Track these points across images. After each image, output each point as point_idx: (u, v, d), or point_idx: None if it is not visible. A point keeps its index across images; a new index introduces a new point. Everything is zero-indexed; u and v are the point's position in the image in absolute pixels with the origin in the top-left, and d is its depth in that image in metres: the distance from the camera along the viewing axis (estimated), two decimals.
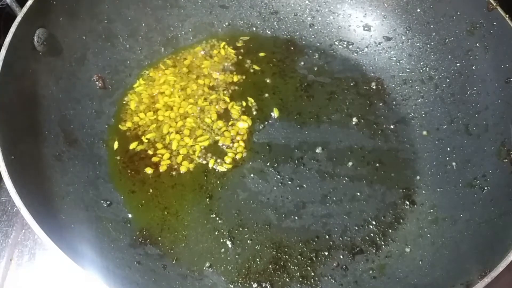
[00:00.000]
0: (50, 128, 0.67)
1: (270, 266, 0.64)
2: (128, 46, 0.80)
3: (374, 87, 0.81)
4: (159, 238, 0.65)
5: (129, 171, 0.71)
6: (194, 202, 0.69)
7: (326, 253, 0.65)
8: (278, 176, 0.71)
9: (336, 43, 0.85)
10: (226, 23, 0.86)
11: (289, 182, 0.71)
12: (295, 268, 0.64)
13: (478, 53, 0.73)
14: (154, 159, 0.72)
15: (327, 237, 0.67)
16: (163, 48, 0.83)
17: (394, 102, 0.79)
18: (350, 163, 0.73)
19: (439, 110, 0.76)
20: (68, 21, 0.72)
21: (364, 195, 0.70)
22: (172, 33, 0.84)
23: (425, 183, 0.71)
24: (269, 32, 0.86)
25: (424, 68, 0.80)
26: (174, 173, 0.71)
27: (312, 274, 0.64)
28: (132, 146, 0.73)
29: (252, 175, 0.71)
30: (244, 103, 0.78)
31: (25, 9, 0.65)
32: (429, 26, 0.80)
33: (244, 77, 0.81)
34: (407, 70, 0.81)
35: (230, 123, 0.76)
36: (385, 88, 0.81)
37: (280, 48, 0.85)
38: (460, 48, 0.76)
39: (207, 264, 0.64)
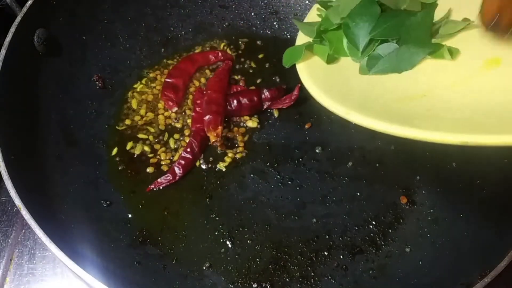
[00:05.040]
0: (50, 128, 0.67)
1: (270, 266, 0.64)
2: (128, 46, 0.80)
3: None
4: (159, 238, 0.65)
5: (129, 171, 0.71)
6: (194, 202, 0.69)
7: (326, 253, 0.65)
8: (278, 176, 0.71)
9: None
10: (226, 23, 0.86)
11: (289, 182, 0.71)
12: (295, 268, 0.64)
13: None
14: (154, 159, 0.72)
15: (327, 237, 0.67)
16: (163, 48, 0.83)
17: None
18: (350, 163, 0.73)
19: None
20: (68, 21, 0.72)
21: (364, 195, 0.70)
22: (172, 33, 0.84)
23: (425, 183, 0.71)
24: (269, 32, 0.86)
25: None
26: None
27: (312, 274, 0.64)
28: (132, 146, 0.73)
29: (252, 175, 0.71)
30: None
31: (25, 9, 0.65)
32: None
33: (244, 77, 0.81)
34: None
35: (230, 123, 0.76)
36: None
37: (280, 48, 0.84)
38: None
39: (207, 264, 0.64)
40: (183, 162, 0.70)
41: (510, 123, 0.42)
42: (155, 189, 0.69)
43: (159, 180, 0.69)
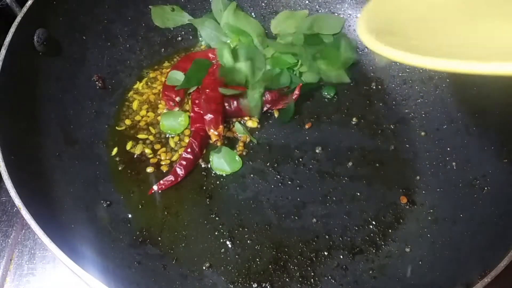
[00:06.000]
0: (50, 128, 0.67)
1: (270, 266, 0.64)
2: (128, 46, 0.80)
3: (374, 87, 0.81)
4: (159, 238, 0.65)
5: (129, 171, 0.71)
6: (194, 202, 0.69)
7: (326, 253, 0.65)
8: (278, 176, 0.71)
9: None
10: None
11: (289, 182, 0.71)
12: (295, 268, 0.64)
13: None
14: (154, 159, 0.72)
15: (327, 237, 0.67)
16: (163, 49, 0.82)
17: (394, 102, 0.79)
18: (350, 163, 0.73)
19: (439, 110, 0.76)
20: (68, 21, 0.72)
21: (364, 195, 0.70)
22: (172, 33, 0.84)
23: (425, 183, 0.71)
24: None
25: (424, 68, 0.80)
26: None
27: (312, 274, 0.64)
28: (132, 146, 0.73)
29: (252, 175, 0.71)
30: None
31: (25, 9, 0.65)
32: None
33: None
34: (407, 70, 0.81)
35: (230, 123, 0.76)
36: (385, 88, 0.81)
37: None
38: None
39: (207, 264, 0.64)
40: (184, 162, 0.70)
41: None
42: (159, 191, 0.69)
43: (161, 182, 0.69)
